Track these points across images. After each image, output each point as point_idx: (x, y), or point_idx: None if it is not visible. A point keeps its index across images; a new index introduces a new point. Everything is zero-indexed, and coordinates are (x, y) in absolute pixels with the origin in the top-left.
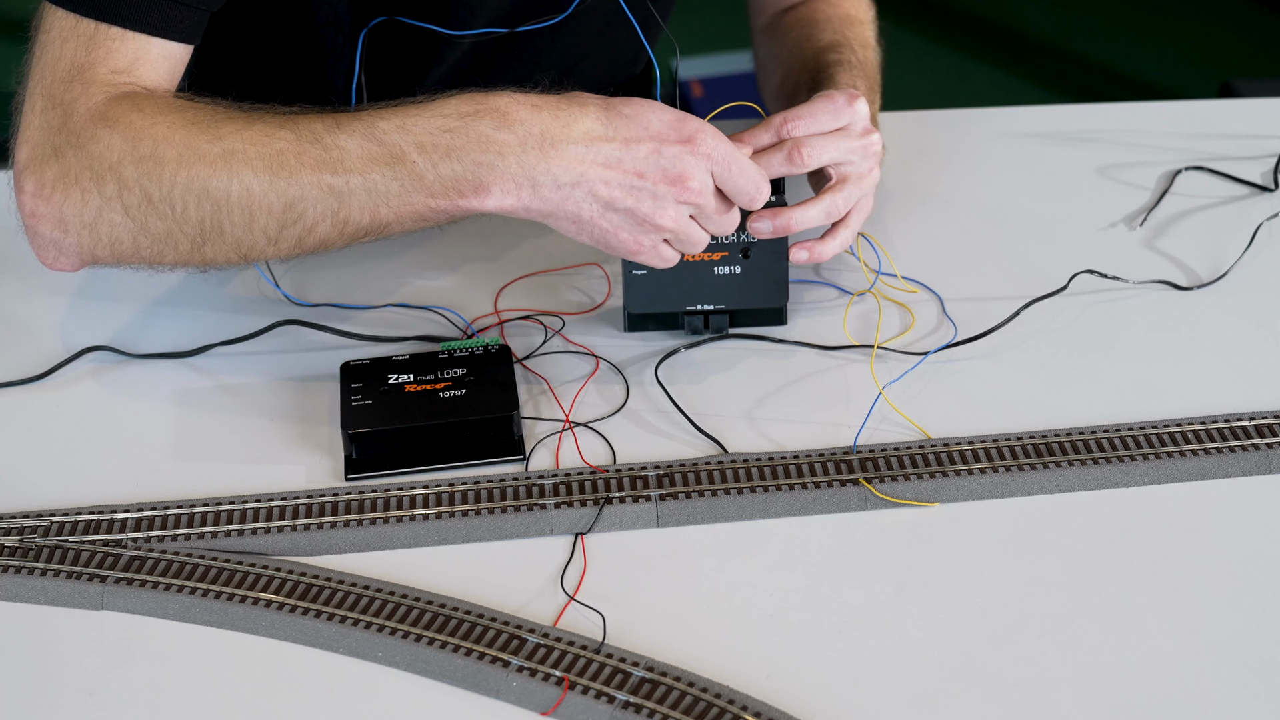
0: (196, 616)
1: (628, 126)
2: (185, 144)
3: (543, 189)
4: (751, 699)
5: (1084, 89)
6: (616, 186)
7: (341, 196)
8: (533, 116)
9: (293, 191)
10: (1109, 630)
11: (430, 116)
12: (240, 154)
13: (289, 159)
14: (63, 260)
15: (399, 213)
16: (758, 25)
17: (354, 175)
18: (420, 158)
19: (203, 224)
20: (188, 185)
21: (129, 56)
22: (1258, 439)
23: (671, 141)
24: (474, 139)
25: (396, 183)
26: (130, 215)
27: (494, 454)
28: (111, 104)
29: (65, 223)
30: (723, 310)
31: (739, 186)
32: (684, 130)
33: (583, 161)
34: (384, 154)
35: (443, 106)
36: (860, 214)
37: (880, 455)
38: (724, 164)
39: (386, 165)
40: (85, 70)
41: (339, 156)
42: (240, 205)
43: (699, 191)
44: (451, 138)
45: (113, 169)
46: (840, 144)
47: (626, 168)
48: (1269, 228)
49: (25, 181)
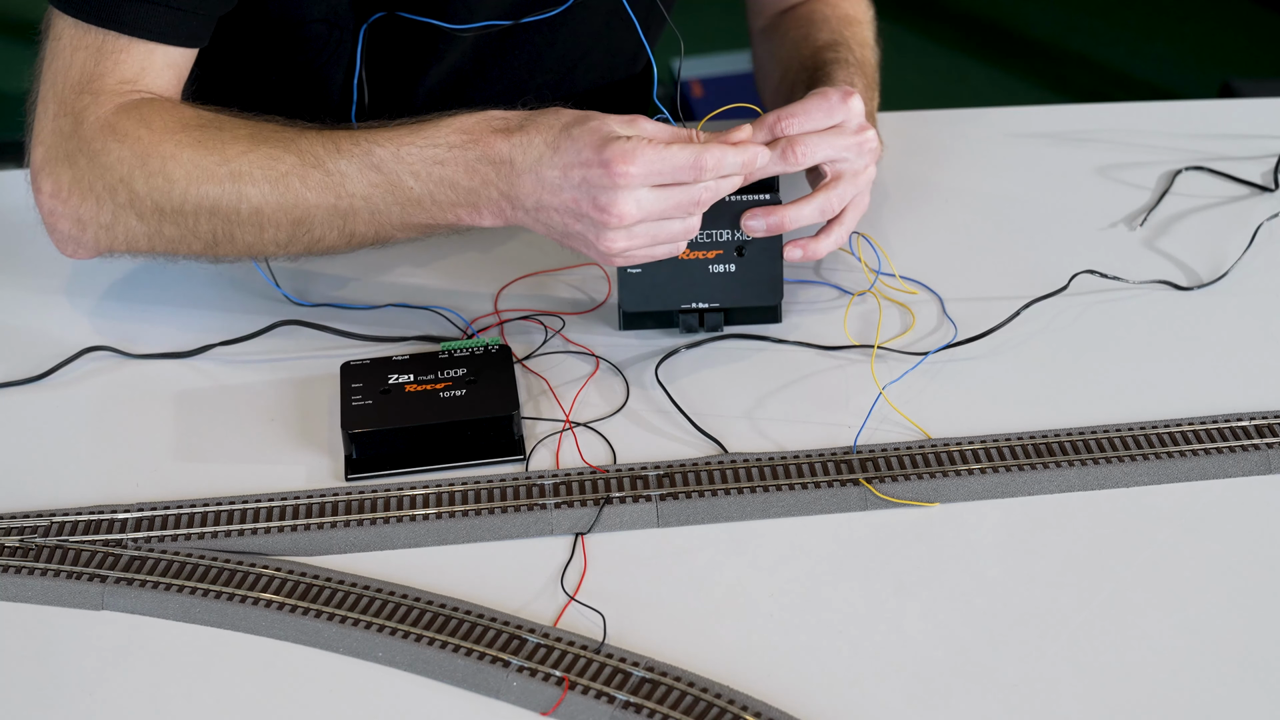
0: (196, 616)
1: (569, 151)
2: (193, 163)
3: (519, 212)
4: (751, 699)
5: (1084, 89)
6: (563, 214)
7: (346, 216)
8: (504, 144)
9: (299, 211)
10: (1109, 630)
11: (423, 146)
12: (247, 175)
13: (294, 182)
14: (81, 252)
15: (401, 228)
16: (756, 26)
17: (357, 198)
18: (416, 184)
19: (215, 233)
20: (198, 202)
21: (135, 66)
22: (1258, 439)
23: (595, 167)
24: (464, 168)
25: (397, 206)
26: (145, 221)
27: (494, 454)
28: (120, 115)
29: (83, 223)
30: (717, 308)
31: (678, 179)
32: (604, 156)
33: (535, 190)
34: (382, 180)
35: (434, 135)
36: (855, 211)
37: (880, 455)
38: (648, 175)
39: (386, 190)
40: (94, 80)
41: (340, 181)
42: (250, 220)
43: (628, 216)
44: (443, 169)
45: (124, 181)
46: (835, 141)
47: (565, 196)
48: (1269, 228)
49: (42, 182)
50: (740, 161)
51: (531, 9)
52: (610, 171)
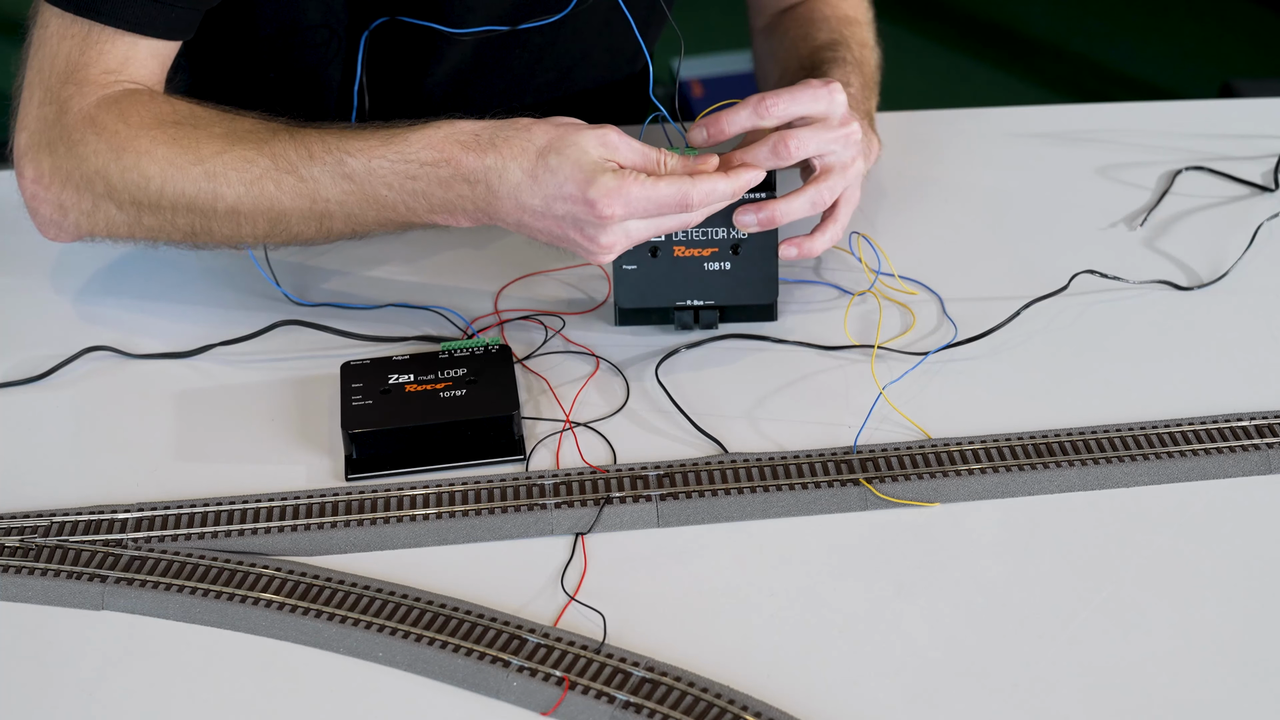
0: (196, 616)
1: (550, 184)
2: (168, 161)
3: (499, 222)
4: (751, 699)
5: (1084, 89)
6: (549, 234)
7: (322, 218)
8: (476, 162)
9: (275, 211)
10: (1109, 630)
11: (394, 161)
12: (222, 176)
13: (269, 185)
14: (63, 236)
15: (379, 225)
16: (757, 25)
17: (332, 203)
18: (390, 194)
19: (192, 226)
20: (174, 198)
21: (119, 56)
22: (1258, 439)
23: (579, 204)
24: (438, 183)
25: (373, 210)
26: (124, 211)
27: (494, 454)
28: (101, 108)
29: (64, 208)
30: (713, 306)
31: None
32: (589, 195)
33: (516, 212)
34: (356, 189)
35: (405, 150)
36: (848, 206)
37: (880, 455)
38: (634, 214)
39: (360, 199)
40: (79, 70)
41: (314, 188)
42: (227, 217)
43: (617, 246)
44: (416, 183)
45: (100, 173)
46: (821, 134)
47: (550, 222)
48: (1269, 228)
49: (25, 167)
50: (731, 190)
51: (530, 13)
52: (595, 212)
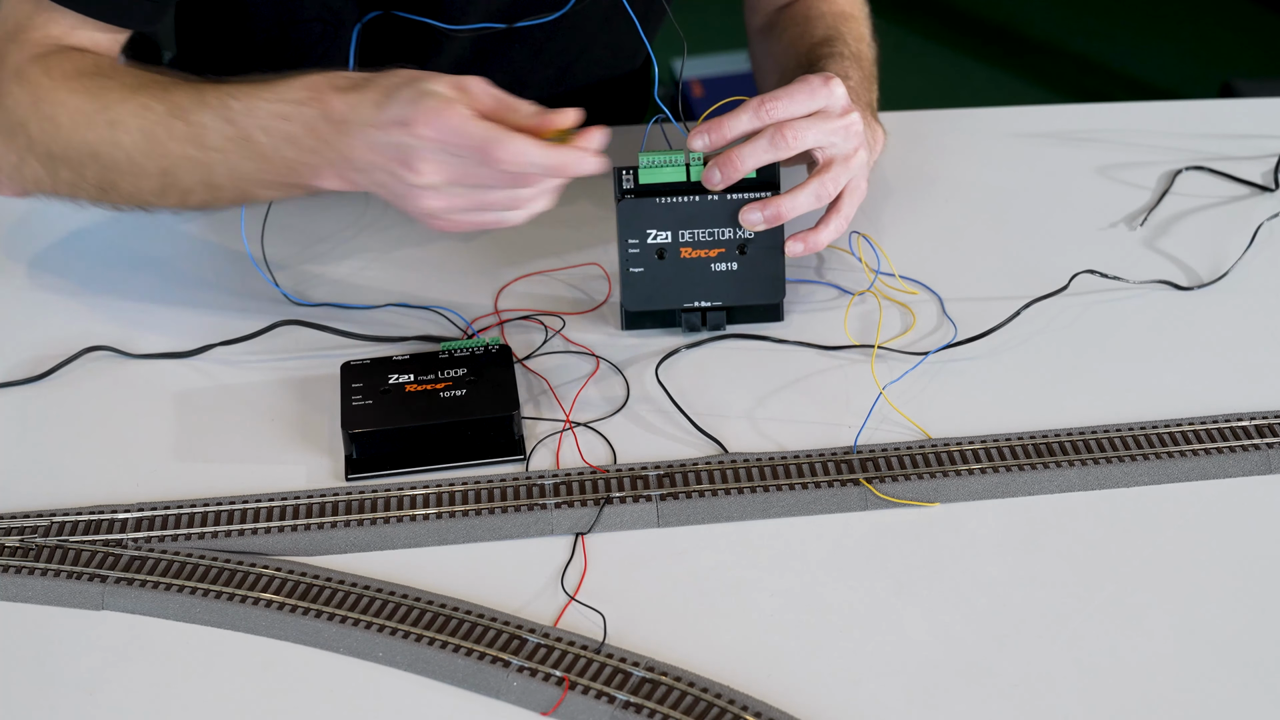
0: (196, 616)
1: (390, 109)
2: (77, 109)
3: (356, 173)
4: (751, 699)
5: (1084, 89)
6: (385, 173)
7: (206, 168)
8: (341, 102)
9: (165, 162)
10: (1109, 630)
11: (272, 101)
12: (121, 124)
13: (160, 132)
14: (3, 190)
15: (258, 184)
16: (754, 25)
17: (214, 151)
18: (265, 140)
19: (100, 180)
20: (80, 148)
21: (63, 28)
22: (1258, 439)
23: (402, 125)
24: (304, 126)
25: (250, 162)
26: (43, 164)
27: (494, 454)
28: (30, 63)
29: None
30: (720, 307)
31: (470, 150)
32: (411, 113)
33: (363, 150)
34: (236, 134)
35: (284, 91)
36: (853, 197)
37: (880, 455)
38: (443, 141)
39: (239, 144)
40: (23, 31)
41: (200, 133)
42: (126, 169)
43: (427, 174)
44: (287, 124)
45: (22, 124)
46: (821, 126)
47: (383, 155)
48: (1269, 228)
49: None
50: (545, 163)
51: (527, 11)
52: (411, 130)
